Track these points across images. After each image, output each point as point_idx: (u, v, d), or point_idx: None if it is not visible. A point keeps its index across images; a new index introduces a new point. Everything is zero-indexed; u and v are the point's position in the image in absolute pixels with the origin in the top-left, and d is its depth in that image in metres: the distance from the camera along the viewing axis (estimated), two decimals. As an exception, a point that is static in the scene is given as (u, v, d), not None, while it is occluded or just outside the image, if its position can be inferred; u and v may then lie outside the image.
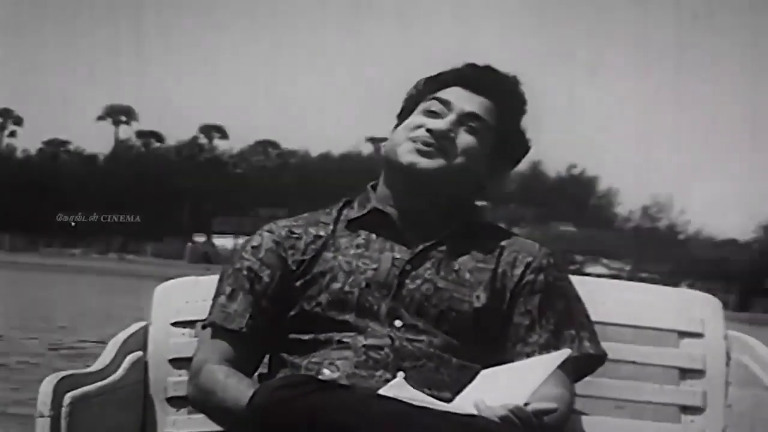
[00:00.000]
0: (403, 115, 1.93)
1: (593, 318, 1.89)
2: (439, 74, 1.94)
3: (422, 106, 1.89)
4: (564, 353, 1.65)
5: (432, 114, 1.87)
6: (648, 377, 2.07)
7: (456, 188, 1.87)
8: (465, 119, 1.86)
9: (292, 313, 1.82)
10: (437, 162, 1.83)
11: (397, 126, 1.92)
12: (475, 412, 1.52)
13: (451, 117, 1.86)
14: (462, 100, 1.88)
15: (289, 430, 1.48)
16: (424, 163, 1.83)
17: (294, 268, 1.84)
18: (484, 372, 1.67)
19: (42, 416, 1.67)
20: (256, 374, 1.86)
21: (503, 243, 1.88)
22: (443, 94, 1.89)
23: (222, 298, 1.85)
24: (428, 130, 1.84)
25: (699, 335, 2.04)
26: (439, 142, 1.83)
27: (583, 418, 2.01)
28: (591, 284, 2.04)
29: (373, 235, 1.85)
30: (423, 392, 1.59)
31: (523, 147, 1.95)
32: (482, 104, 1.88)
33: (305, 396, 1.49)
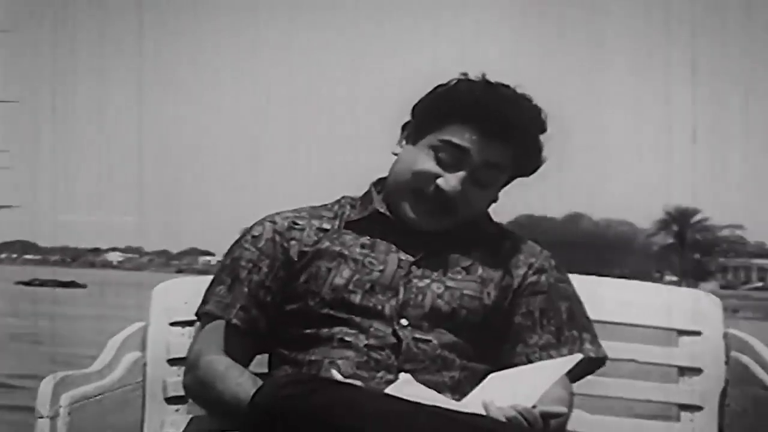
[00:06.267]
0: (412, 129, 1.85)
1: (592, 317, 1.89)
2: (455, 95, 1.80)
3: (432, 140, 1.79)
4: (575, 358, 1.66)
5: (443, 161, 1.78)
6: (647, 376, 2.08)
7: (465, 221, 1.83)
8: (479, 171, 1.78)
9: (294, 306, 1.80)
10: (441, 222, 1.80)
11: (405, 136, 1.86)
12: (483, 412, 1.52)
13: (463, 174, 1.77)
14: (479, 148, 1.77)
15: (293, 428, 1.48)
16: (425, 223, 1.80)
17: (296, 258, 1.82)
18: (493, 374, 1.68)
19: (41, 417, 1.67)
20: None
21: (507, 242, 1.87)
22: (459, 138, 1.77)
23: (220, 288, 1.82)
24: (436, 187, 1.77)
25: (698, 333, 2.05)
26: (446, 203, 1.78)
27: (582, 416, 2.01)
28: (590, 283, 2.04)
29: (378, 238, 1.83)
30: None
31: (539, 162, 1.86)
32: (502, 153, 1.79)
33: (310, 394, 1.48)
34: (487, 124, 1.77)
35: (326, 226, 1.85)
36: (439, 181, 1.78)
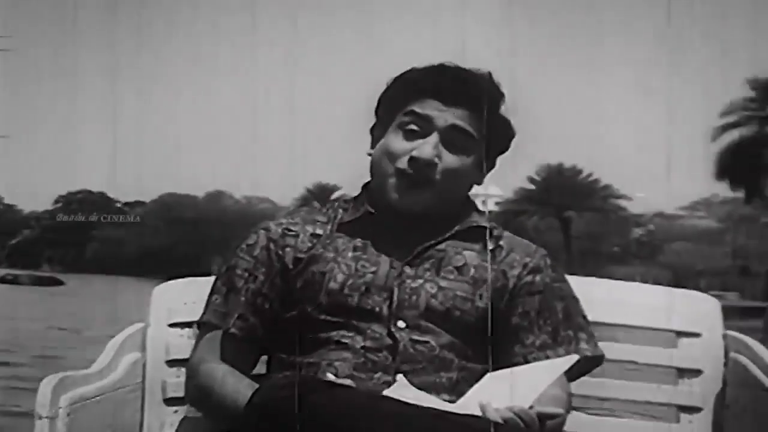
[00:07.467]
0: (380, 125, 1.88)
1: (590, 318, 1.89)
2: (409, 78, 1.86)
3: (398, 119, 1.84)
4: (572, 359, 1.66)
5: (412, 134, 1.82)
6: (646, 377, 2.08)
7: (449, 201, 1.84)
8: (448, 134, 1.81)
9: (293, 313, 1.81)
10: (423, 198, 1.81)
11: (375, 138, 1.88)
12: (479, 413, 1.52)
13: (434, 138, 1.80)
14: (443, 115, 1.82)
15: (290, 429, 1.48)
16: (408, 201, 1.80)
17: (291, 266, 1.83)
18: (490, 374, 1.68)
19: (40, 418, 1.67)
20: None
21: (501, 242, 1.87)
22: (421, 107, 1.82)
23: (216, 298, 1.84)
24: (411, 159, 1.80)
25: (697, 335, 2.05)
26: (424, 172, 1.80)
27: (581, 418, 2.01)
28: (588, 284, 2.04)
29: (370, 239, 1.84)
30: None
31: (510, 134, 1.90)
32: (463, 116, 1.82)
33: (307, 396, 1.49)
34: (445, 93, 1.82)
35: (319, 231, 1.86)
36: (414, 152, 1.80)
